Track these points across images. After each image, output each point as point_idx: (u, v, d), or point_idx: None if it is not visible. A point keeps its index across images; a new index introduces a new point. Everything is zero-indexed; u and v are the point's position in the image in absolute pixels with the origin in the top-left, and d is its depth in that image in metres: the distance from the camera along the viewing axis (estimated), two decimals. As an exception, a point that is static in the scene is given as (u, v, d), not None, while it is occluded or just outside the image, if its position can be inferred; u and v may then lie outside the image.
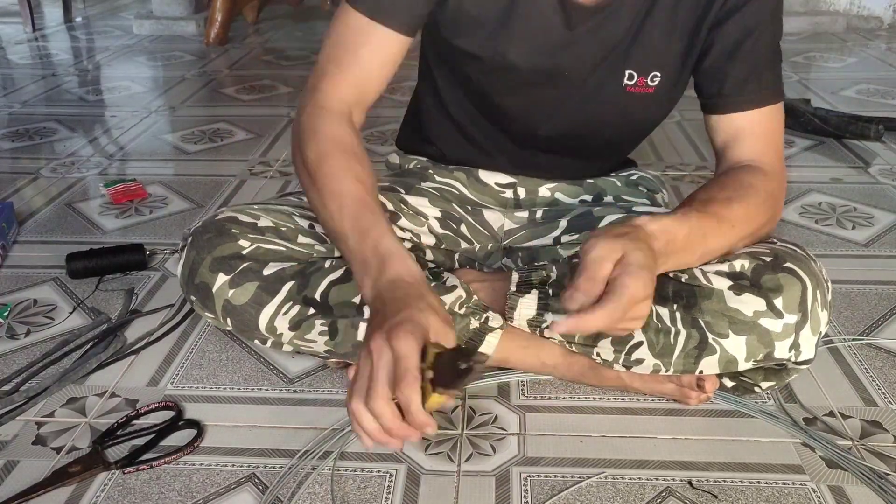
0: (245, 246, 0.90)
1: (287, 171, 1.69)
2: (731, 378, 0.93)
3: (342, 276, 0.89)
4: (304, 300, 0.88)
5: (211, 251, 0.90)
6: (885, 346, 1.05)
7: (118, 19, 3.49)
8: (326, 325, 0.88)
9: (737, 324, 0.83)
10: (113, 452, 0.88)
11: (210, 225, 0.92)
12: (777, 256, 0.85)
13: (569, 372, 0.96)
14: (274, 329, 0.90)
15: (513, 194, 1.08)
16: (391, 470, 0.84)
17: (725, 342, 0.84)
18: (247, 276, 0.89)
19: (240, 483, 0.83)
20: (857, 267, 1.26)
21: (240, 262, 0.89)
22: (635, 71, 0.92)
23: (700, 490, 0.81)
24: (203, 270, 0.90)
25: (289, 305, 0.88)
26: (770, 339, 0.83)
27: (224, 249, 0.90)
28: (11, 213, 1.40)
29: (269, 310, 0.89)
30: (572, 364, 0.95)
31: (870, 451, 0.87)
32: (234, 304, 0.89)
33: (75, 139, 1.92)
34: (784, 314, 0.82)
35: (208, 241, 0.91)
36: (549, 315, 0.90)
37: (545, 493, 0.81)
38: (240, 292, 0.89)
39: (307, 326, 0.89)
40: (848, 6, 3.04)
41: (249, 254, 0.90)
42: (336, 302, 0.88)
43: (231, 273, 0.89)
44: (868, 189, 1.55)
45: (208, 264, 0.90)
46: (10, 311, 1.17)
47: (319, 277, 0.89)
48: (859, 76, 2.37)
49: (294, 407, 0.95)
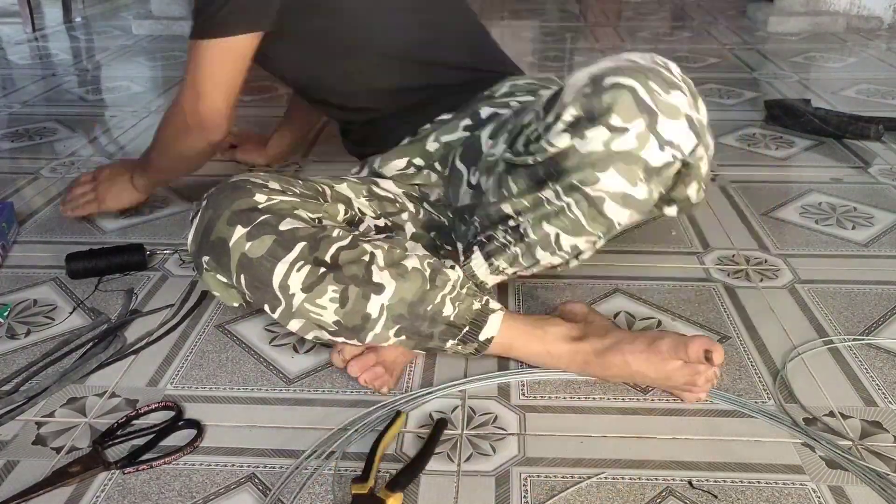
0: (261, 200, 0.93)
1: (286, 171, 1.68)
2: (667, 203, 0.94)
3: (349, 243, 0.92)
4: (314, 261, 0.90)
5: (229, 206, 0.92)
6: (885, 346, 1.05)
7: (118, 19, 3.49)
8: (338, 293, 0.90)
9: (596, 163, 0.84)
10: (113, 452, 0.88)
11: (225, 185, 0.96)
12: (594, 81, 0.85)
13: (573, 362, 0.97)
14: (286, 287, 0.90)
15: (414, 168, 1.14)
16: (391, 470, 0.84)
17: (603, 184, 0.85)
18: (264, 228, 0.90)
19: (240, 483, 0.83)
20: (857, 267, 1.26)
21: (257, 215, 0.91)
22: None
23: (700, 490, 0.81)
24: (220, 225, 0.91)
25: (301, 264, 0.89)
26: (633, 155, 0.83)
27: (241, 203, 0.92)
28: (11, 213, 1.40)
29: (282, 266, 0.89)
30: (576, 353, 0.96)
31: (870, 451, 0.87)
32: (250, 258, 0.90)
33: (75, 139, 1.92)
34: (627, 126, 0.82)
35: (225, 197, 0.93)
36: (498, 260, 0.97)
37: (545, 493, 0.81)
38: (257, 245, 0.90)
39: (319, 290, 0.90)
40: (848, 6, 3.04)
41: (265, 207, 0.92)
42: (345, 262, 0.90)
43: (249, 225, 0.90)
44: (868, 189, 1.55)
45: (226, 218, 0.91)
46: (10, 311, 1.17)
47: (329, 242, 0.91)
48: (859, 76, 2.37)
49: (294, 407, 0.95)
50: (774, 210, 1.46)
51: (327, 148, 1.84)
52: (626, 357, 0.93)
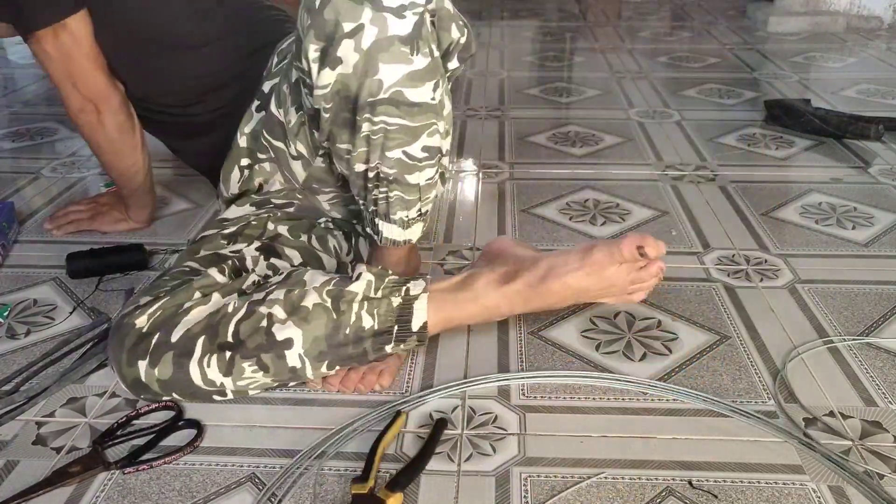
0: (143, 323, 0.92)
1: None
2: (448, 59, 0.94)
3: (245, 314, 0.91)
4: (219, 348, 0.90)
5: (123, 348, 0.91)
6: (885, 346, 1.05)
7: (118, 19, 3.49)
8: (255, 364, 0.90)
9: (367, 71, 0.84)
10: (113, 452, 0.88)
11: (112, 330, 0.95)
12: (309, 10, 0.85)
13: (514, 305, 0.97)
14: (212, 381, 0.91)
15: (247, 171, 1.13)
16: (391, 470, 0.84)
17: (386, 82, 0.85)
18: (159, 349, 0.90)
19: (240, 483, 0.83)
20: (857, 267, 1.26)
21: (148, 342, 0.91)
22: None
23: (700, 490, 0.81)
24: (126, 370, 0.91)
25: (207, 357, 0.90)
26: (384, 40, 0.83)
27: (129, 340, 0.91)
28: (12, 212, 1.41)
29: (194, 366, 0.90)
30: (511, 296, 0.96)
31: (870, 452, 0.87)
32: (165, 381, 0.91)
33: (76, 139, 1.92)
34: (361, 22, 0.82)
35: (116, 343, 0.92)
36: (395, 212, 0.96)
37: (545, 493, 0.81)
38: (162, 368, 0.90)
39: (238, 370, 0.90)
40: (848, 6, 3.04)
41: (150, 328, 0.91)
42: (247, 335, 0.90)
43: (147, 355, 0.90)
44: (868, 189, 1.55)
45: (126, 361, 0.91)
46: (10, 311, 1.17)
47: (226, 322, 0.91)
48: (859, 76, 2.37)
49: (294, 407, 0.95)
50: (774, 210, 1.46)
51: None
52: (563, 279, 0.93)
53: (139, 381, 0.91)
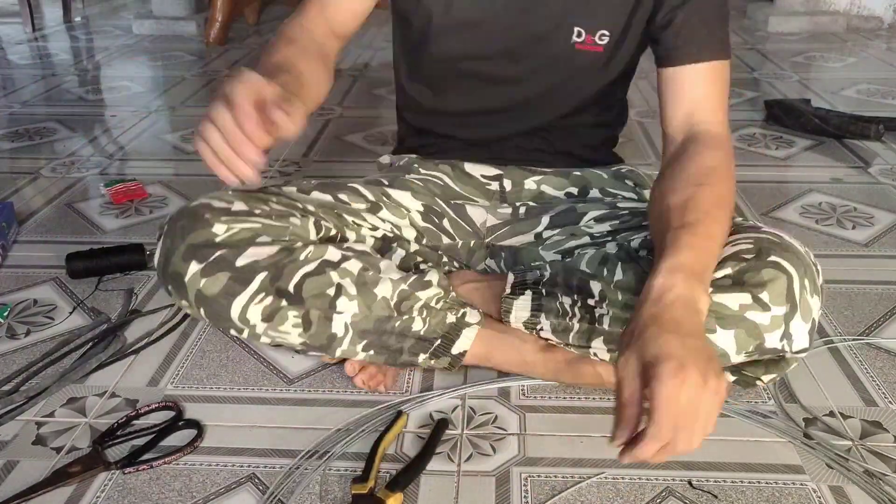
0: (219, 232, 0.87)
1: (287, 172, 1.69)
2: (733, 373, 0.93)
3: (316, 269, 0.88)
4: (276, 291, 0.87)
5: (185, 238, 0.87)
6: (885, 346, 1.05)
7: (118, 19, 3.49)
8: (300, 317, 0.87)
9: (724, 318, 0.82)
10: (113, 452, 0.88)
11: (184, 211, 0.90)
12: (761, 251, 0.84)
13: (546, 370, 0.96)
14: (247, 320, 0.87)
15: (498, 186, 1.09)
16: (391, 470, 0.84)
17: (714, 336, 0.83)
18: (219, 265, 0.86)
19: (240, 483, 0.83)
20: (857, 267, 1.26)
21: (213, 251, 0.86)
22: (584, 28, 0.95)
23: (700, 490, 0.81)
24: (176, 260, 0.87)
25: (261, 296, 0.86)
26: (758, 331, 0.82)
27: (197, 236, 0.87)
28: (11, 213, 1.40)
29: (240, 300, 0.86)
30: (549, 361, 0.95)
31: (870, 452, 0.87)
32: (205, 294, 0.86)
33: (75, 139, 1.92)
34: (771, 307, 0.82)
35: (182, 228, 0.88)
36: (542, 316, 0.91)
37: (545, 493, 0.81)
38: (211, 282, 0.86)
39: (280, 318, 0.87)
40: (848, 6, 3.04)
41: (223, 240, 0.87)
42: (309, 294, 0.87)
43: (203, 262, 0.86)
44: (868, 189, 1.55)
45: (181, 253, 0.87)
46: (10, 311, 1.17)
47: (293, 269, 0.87)
48: (859, 76, 2.37)
49: (294, 407, 0.95)
50: (774, 210, 1.46)
51: (329, 147, 1.85)
52: (596, 368, 0.93)
53: (180, 277, 0.87)
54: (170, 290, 0.90)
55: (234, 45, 2.98)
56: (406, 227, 1.03)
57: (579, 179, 1.08)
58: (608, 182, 1.08)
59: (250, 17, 3.29)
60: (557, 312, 0.91)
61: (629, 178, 1.10)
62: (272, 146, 0.77)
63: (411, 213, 1.04)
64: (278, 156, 1.78)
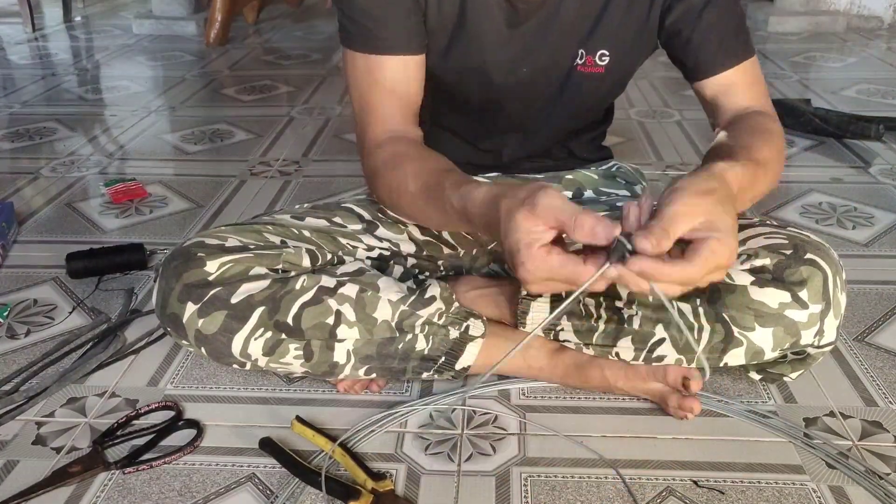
0: (212, 270, 0.87)
1: (287, 171, 1.69)
2: (758, 371, 0.94)
3: (313, 297, 0.87)
4: (275, 325, 0.87)
5: (179, 278, 0.87)
6: (885, 346, 1.05)
7: (118, 19, 3.49)
8: (301, 349, 0.87)
9: (763, 316, 0.85)
10: (113, 452, 0.88)
11: (177, 252, 0.90)
12: (797, 248, 0.86)
13: (553, 374, 0.96)
14: (248, 355, 0.88)
15: None
16: (391, 470, 0.84)
17: (752, 335, 0.85)
18: (214, 304, 0.86)
19: (240, 483, 0.83)
20: (858, 267, 1.26)
21: (207, 290, 0.86)
22: (585, 50, 0.95)
23: (706, 488, 0.81)
24: (173, 301, 0.87)
25: (261, 331, 0.86)
26: (797, 328, 0.85)
27: (191, 276, 0.87)
28: (11, 212, 1.40)
29: (240, 336, 0.86)
30: (556, 366, 0.95)
31: (870, 452, 0.87)
32: (204, 334, 0.87)
33: (75, 139, 1.92)
34: (809, 305, 0.84)
35: (176, 268, 0.88)
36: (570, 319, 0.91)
37: (545, 493, 0.81)
38: (209, 322, 0.86)
39: (281, 351, 0.87)
40: (848, 6, 3.04)
41: (216, 278, 0.87)
42: (309, 325, 0.87)
43: (199, 302, 0.86)
44: (868, 189, 1.55)
45: (177, 293, 0.87)
46: (10, 311, 1.17)
47: (291, 300, 0.87)
48: (859, 76, 2.37)
49: (294, 407, 0.95)
50: (775, 210, 1.46)
51: (328, 146, 1.85)
52: (604, 372, 0.93)
53: (178, 318, 0.87)
54: (169, 331, 0.91)
55: (233, 45, 2.98)
56: (404, 242, 1.02)
57: (571, 183, 1.08)
58: (600, 182, 1.08)
59: (249, 17, 3.29)
60: (581, 314, 0.91)
61: (619, 176, 1.10)
62: None
63: (409, 228, 1.03)
64: (278, 156, 1.78)
